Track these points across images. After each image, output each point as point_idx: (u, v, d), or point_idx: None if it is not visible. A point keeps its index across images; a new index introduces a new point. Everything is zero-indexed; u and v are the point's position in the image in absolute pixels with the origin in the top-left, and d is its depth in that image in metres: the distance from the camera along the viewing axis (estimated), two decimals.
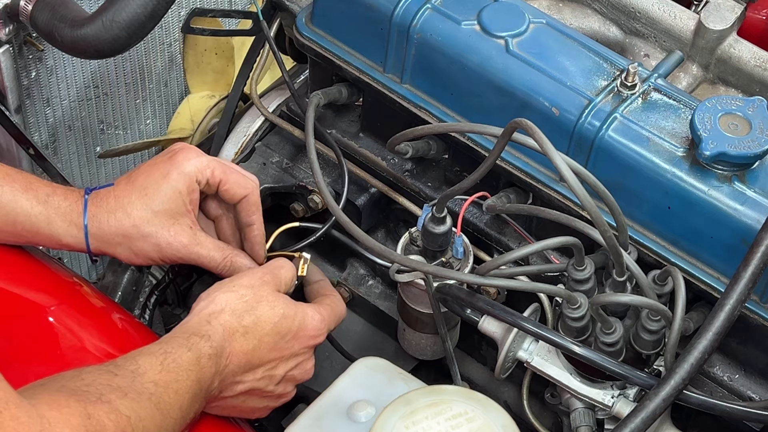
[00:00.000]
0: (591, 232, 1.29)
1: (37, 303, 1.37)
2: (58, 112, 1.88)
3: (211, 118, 2.04)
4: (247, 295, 1.31)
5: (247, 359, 1.30)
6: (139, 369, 1.19)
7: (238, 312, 1.30)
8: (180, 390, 1.20)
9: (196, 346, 1.24)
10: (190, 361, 1.23)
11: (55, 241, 1.38)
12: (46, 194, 1.37)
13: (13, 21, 1.67)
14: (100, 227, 1.38)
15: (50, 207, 1.36)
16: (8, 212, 1.35)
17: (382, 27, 1.49)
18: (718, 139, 1.30)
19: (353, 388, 1.34)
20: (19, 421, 1.03)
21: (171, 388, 1.19)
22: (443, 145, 1.54)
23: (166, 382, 1.19)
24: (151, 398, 1.17)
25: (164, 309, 1.68)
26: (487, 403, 1.22)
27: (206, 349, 1.25)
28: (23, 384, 1.12)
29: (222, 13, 1.79)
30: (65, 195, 1.38)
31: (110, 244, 1.39)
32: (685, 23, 1.56)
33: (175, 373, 1.21)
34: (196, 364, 1.23)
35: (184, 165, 1.39)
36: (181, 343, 1.24)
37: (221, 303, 1.30)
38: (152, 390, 1.17)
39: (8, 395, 1.04)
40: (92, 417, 1.09)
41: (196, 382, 1.22)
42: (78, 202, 1.38)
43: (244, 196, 1.42)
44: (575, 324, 1.32)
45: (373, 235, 1.64)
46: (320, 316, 1.36)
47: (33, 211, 1.35)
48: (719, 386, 1.42)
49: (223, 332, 1.28)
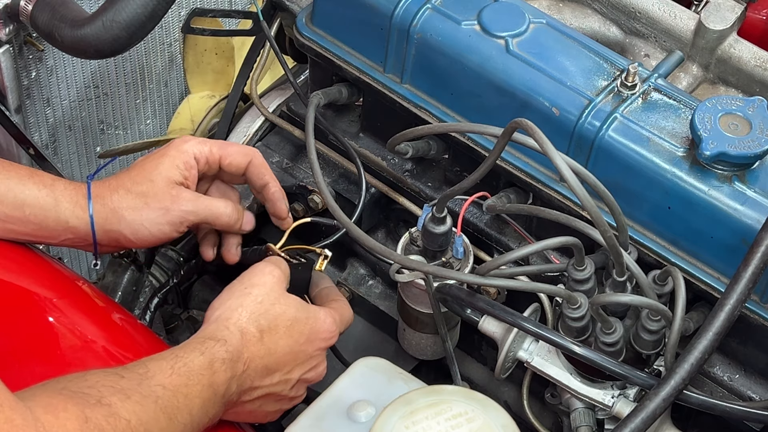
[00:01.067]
0: (591, 232, 1.29)
1: (39, 301, 1.38)
2: (58, 112, 1.88)
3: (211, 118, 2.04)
4: (260, 296, 1.31)
5: (264, 364, 1.29)
6: (148, 372, 1.18)
7: (254, 316, 1.29)
8: (190, 394, 1.19)
9: (210, 350, 1.24)
10: (202, 366, 1.22)
11: (62, 225, 1.39)
12: (51, 179, 1.40)
13: (13, 21, 1.67)
14: (104, 204, 1.39)
15: (56, 190, 1.39)
16: (16, 196, 1.36)
17: (382, 27, 1.49)
18: (718, 139, 1.30)
19: (353, 388, 1.34)
20: (13, 424, 1.02)
21: (180, 392, 1.18)
22: (443, 145, 1.54)
23: (175, 386, 1.18)
24: (157, 401, 1.16)
25: (164, 309, 1.68)
26: (487, 403, 1.22)
27: (221, 353, 1.24)
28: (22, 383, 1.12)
29: (222, 13, 1.79)
30: (68, 181, 1.42)
31: (115, 221, 1.40)
32: (685, 23, 1.56)
33: (185, 377, 1.20)
34: (208, 368, 1.22)
35: (181, 145, 1.43)
36: (194, 348, 1.24)
37: (236, 308, 1.30)
38: (159, 393, 1.17)
39: (3, 397, 1.03)
40: (90, 420, 1.08)
41: (208, 386, 1.22)
42: (81, 186, 1.41)
43: (248, 162, 1.46)
44: (575, 324, 1.32)
45: (373, 235, 1.64)
46: (332, 319, 1.37)
47: (40, 193, 1.37)
48: (719, 386, 1.42)
49: (240, 337, 1.27)
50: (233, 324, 1.28)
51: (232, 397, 1.27)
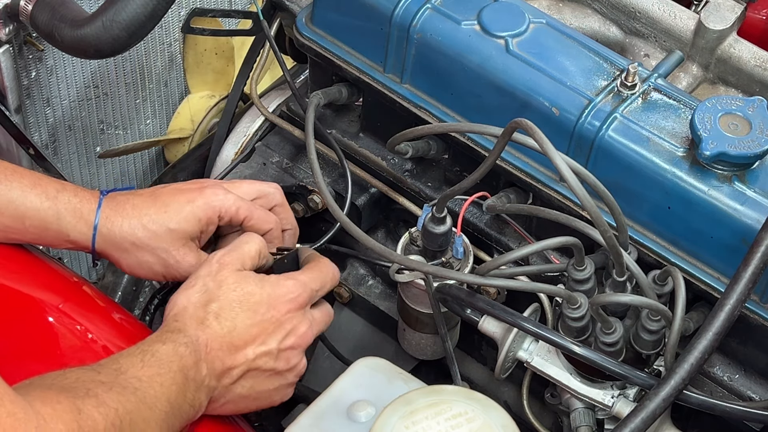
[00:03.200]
0: (591, 232, 1.29)
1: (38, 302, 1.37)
2: (58, 112, 1.88)
3: (211, 118, 2.04)
4: (207, 284, 1.31)
5: (228, 341, 1.29)
6: (121, 368, 1.20)
7: (202, 303, 1.30)
8: (165, 382, 1.21)
9: (170, 339, 1.25)
10: (168, 353, 1.23)
11: (63, 238, 1.38)
12: (55, 190, 1.37)
13: (13, 21, 1.67)
14: (111, 229, 1.38)
15: (60, 203, 1.37)
16: (17, 208, 1.35)
17: (382, 27, 1.49)
18: (718, 139, 1.30)
19: (353, 388, 1.34)
20: (15, 417, 1.04)
21: (155, 381, 1.20)
22: (443, 145, 1.54)
23: (149, 376, 1.20)
24: (135, 393, 1.17)
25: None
26: (487, 403, 1.22)
27: (181, 339, 1.26)
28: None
29: (222, 13, 1.79)
30: (75, 192, 1.38)
31: (116, 249, 1.39)
32: (685, 23, 1.56)
33: (156, 367, 1.21)
34: (174, 353, 1.24)
35: (211, 198, 1.40)
36: (156, 339, 1.25)
37: (183, 302, 1.30)
38: (136, 385, 1.18)
39: (3, 391, 1.04)
40: (83, 411, 1.10)
41: (179, 372, 1.23)
42: (89, 200, 1.38)
43: (268, 231, 1.44)
44: (575, 324, 1.32)
45: (373, 235, 1.64)
46: (293, 280, 1.34)
47: (42, 206, 1.36)
48: (719, 386, 1.42)
49: (192, 324, 1.28)
50: (181, 316, 1.29)
51: (209, 381, 1.27)
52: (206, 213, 1.39)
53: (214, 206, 1.40)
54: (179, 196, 1.40)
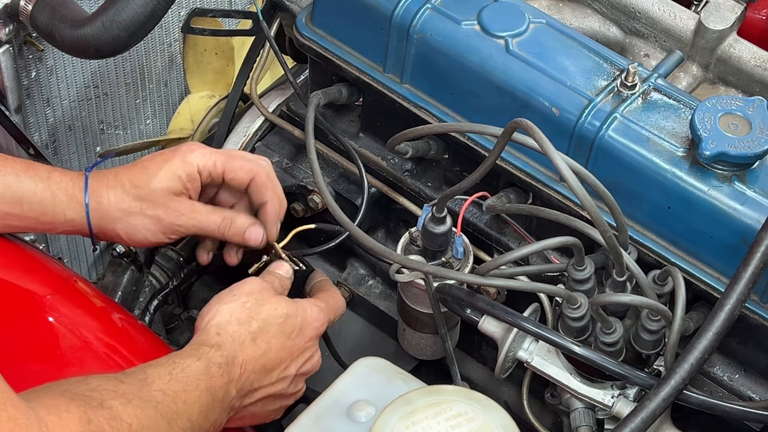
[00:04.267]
0: (591, 232, 1.29)
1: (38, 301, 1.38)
2: (58, 112, 1.88)
3: (211, 118, 2.04)
4: (248, 302, 1.32)
5: (261, 364, 1.30)
6: (147, 378, 1.19)
7: (244, 320, 1.31)
8: (189, 400, 1.20)
9: (206, 356, 1.25)
10: (199, 371, 1.23)
11: (60, 219, 1.39)
12: (47, 171, 1.39)
13: (13, 21, 1.67)
14: (100, 202, 1.39)
15: (53, 183, 1.38)
16: (14, 192, 1.36)
17: (382, 27, 1.49)
18: (718, 139, 1.30)
19: (353, 388, 1.34)
20: (16, 423, 1.02)
21: (180, 398, 1.19)
22: (443, 145, 1.54)
23: (174, 392, 1.19)
24: (157, 407, 1.16)
25: (164, 309, 1.68)
26: (487, 403, 1.22)
27: (216, 358, 1.25)
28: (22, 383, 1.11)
29: (222, 13, 1.79)
30: (63, 172, 1.41)
31: (110, 220, 1.40)
32: (685, 23, 1.56)
33: (183, 383, 1.21)
34: (205, 373, 1.23)
35: (187, 154, 1.42)
36: (190, 353, 1.25)
37: (226, 314, 1.31)
38: (159, 398, 1.17)
39: (6, 396, 1.03)
40: (92, 422, 1.09)
41: (206, 391, 1.22)
42: (78, 178, 1.40)
43: (251, 179, 1.44)
44: (575, 324, 1.32)
45: (373, 235, 1.64)
46: (318, 308, 1.38)
47: (37, 188, 1.37)
48: (719, 386, 1.42)
49: (233, 341, 1.28)
50: (224, 330, 1.29)
51: (233, 402, 1.27)
52: (185, 169, 1.41)
53: (191, 162, 1.41)
54: (157, 157, 1.42)
